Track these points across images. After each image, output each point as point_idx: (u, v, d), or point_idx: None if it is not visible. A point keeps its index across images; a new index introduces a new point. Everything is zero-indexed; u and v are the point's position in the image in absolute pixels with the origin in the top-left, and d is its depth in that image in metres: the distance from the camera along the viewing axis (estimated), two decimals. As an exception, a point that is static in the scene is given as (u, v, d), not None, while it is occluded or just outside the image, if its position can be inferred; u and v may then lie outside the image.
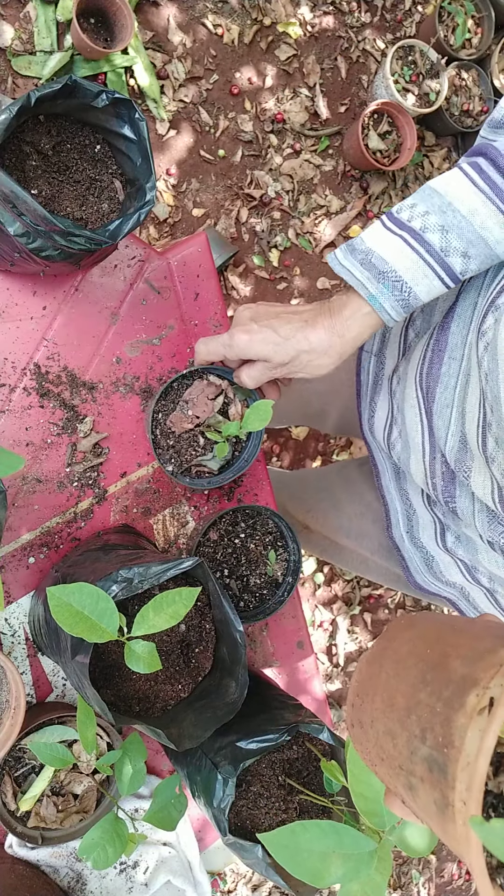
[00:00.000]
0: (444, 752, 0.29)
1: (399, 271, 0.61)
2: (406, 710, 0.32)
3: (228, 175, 1.82)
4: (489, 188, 0.59)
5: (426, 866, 2.16)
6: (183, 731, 0.62)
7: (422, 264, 0.61)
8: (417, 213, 0.61)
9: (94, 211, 0.65)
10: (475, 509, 0.68)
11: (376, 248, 0.62)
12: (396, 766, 0.33)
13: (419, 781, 0.31)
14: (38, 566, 0.73)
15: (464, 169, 0.60)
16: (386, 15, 1.98)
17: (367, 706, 0.36)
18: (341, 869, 0.43)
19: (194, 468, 0.73)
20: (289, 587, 0.76)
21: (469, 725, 0.28)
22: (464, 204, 0.59)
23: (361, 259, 0.63)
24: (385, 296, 0.62)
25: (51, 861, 0.75)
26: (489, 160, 0.60)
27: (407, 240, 0.61)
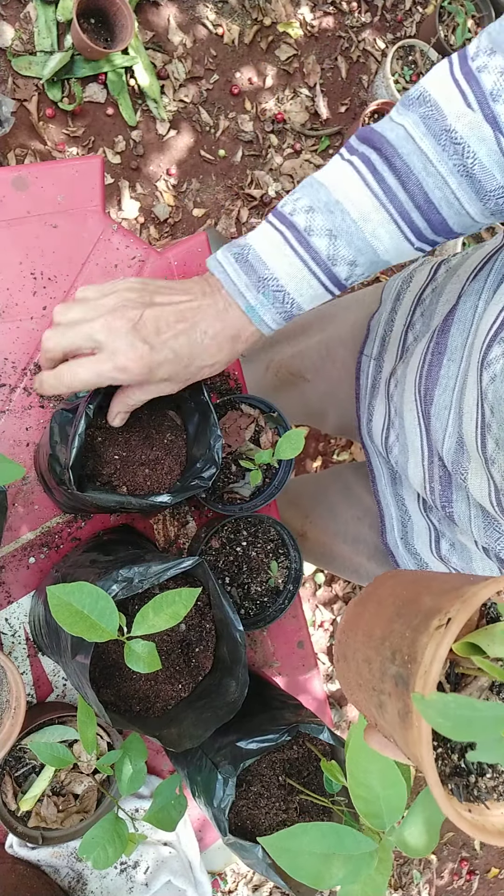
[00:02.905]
0: (408, 667, 0.33)
1: (281, 279, 0.55)
2: (381, 638, 0.36)
3: (229, 175, 1.83)
4: (383, 193, 0.52)
5: (427, 866, 2.16)
6: (183, 730, 0.62)
7: (307, 273, 0.54)
8: (300, 206, 0.54)
9: (162, 444, 0.68)
10: (472, 514, 0.67)
11: (253, 242, 0.55)
12: (370, 689, 0.37)
13: (387, 697, 0.35)
14: (38, 566, 0.73)
15: (355, 165, 0.53)
16: (386, 15, 1.99)
17: (351, 641, 0.40)
18: (342, 870, 0.43)
19: (226, 495, 0.74)
20: (289, 595, 0.76)
21: (429, 642, 0.31)
22: (354, 206, 0.53)
23: (237, 253, 0.55)
24: (265, 308, 0.56)
25: (51, 861, 0.75)
26: (384, 158, 0.52)
27: (289, 240, 0.54)
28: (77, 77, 1.62)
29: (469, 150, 0.50)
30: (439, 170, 0.51)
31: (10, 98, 1.58)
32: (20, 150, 1.61)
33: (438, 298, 0.75)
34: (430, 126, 0.50)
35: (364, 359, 0.87)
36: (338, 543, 1.03)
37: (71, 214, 0.73)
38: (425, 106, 0.51)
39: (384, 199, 0.52)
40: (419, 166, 0.51)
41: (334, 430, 1.10)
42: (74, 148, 1.66)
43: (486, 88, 0.49)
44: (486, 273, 0.66)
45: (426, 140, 0.51)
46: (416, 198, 0.52)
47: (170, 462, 0.67)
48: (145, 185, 1.74)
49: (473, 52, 0.50)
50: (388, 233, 0.54)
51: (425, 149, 0.51)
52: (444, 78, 0.51)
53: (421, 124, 0.51)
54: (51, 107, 1.62)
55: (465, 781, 0.36)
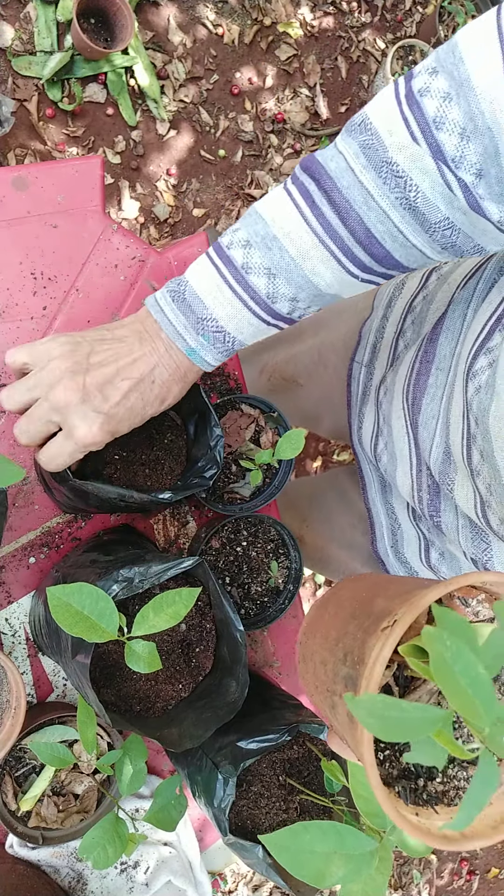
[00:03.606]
0: (356, 668, 0.33)
1: (220, 320, 0.54)
2: (336, 640, 0.37)
3: (229, 175, 1.83)
4: (322, 228, 0.50)
5: (427, 866, 2.16)
6: (183, 730, 0.62)
7: (246, 312, 0.53)
8: (238, 239, 0.53)
9: (163, 445, 0.68)
10: (459, 524, 0.66)
11: (192, 279, 0.54)
12: (325, 690, 0.37)
13: (339, 699, 0.35)
14: (38, 566, 0.73)
15: (293, 197, 0.51)
16: (386, 15, 1.99)
17: (310, 642, 0.41)
18: (342, 869, 0.43)
19: (226, 495, 0.74)
20: (290, 595, 0.76)
21: (375, 644, 0.32)
22: (293, 243, 0.51)
23: (174, 290, 0.55)
24: (206, 349, 0.55)
25: (51, 861, 0.75)
26: (322, 191, 0.50)
27: (226, 278, 0.52)
28: (77, 77, 1.62)
29: (411, 183, 0.47)
30: (380, 204, 0.48)
31: (10, 98, 1.58)
32: (20, 150, 1.61)
33: (429, 306, 0.75)
34: (370, 157, 0.48)
35: (355, 366, 0.86)
36: (333, 548, 1.02)
37: (71, 214, 0.73)
38: (366, 134, 0.48)
39: (324, 235, 0.50)
40: (359, 200, 0.49)
41: (329, 434, 1.10)
42: (74, 148, 1.66)
43: (428, 115, 0.45)
44: (475, 281, 0.64)
45: (366, 173, 0.48)
46: (357, 233, 0.50)
47: (170, 462, 0.67)
48: (145, 185, 1.74)
49: (417, 70, 0.47)
50: (329, 269, 0.52)
51: (366, 182, 0.48)
52: (389, 102, 0.47)
53: (361, 155, 0.48)
54: (51, 107, 1.62)
55: (412, 784, 0.36)
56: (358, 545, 0.97)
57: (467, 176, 0.45)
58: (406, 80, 0.47)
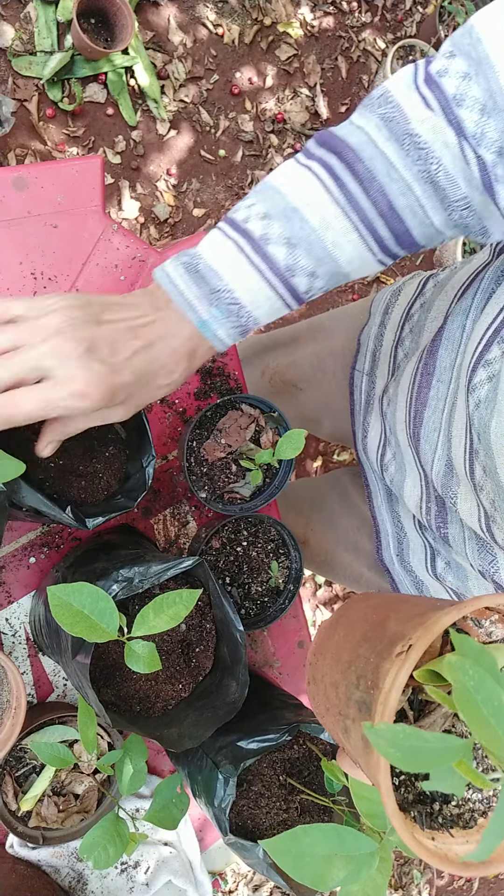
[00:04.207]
0: (370, 693, 0.33)
1: (236, 291, 0.50)
2: (348, 663, 0.36)
3: (229, 175, 1.83)
4: (345, 199, 0.49)
5: (427, 867, 2.16)
6: (183, 730, 0.62)
7: (264, 284, 0.50)
8: (255, 213, 0.50)
9: (103, 458, 0.64)
10: (465, 537, 0.66)
11: (206, 251, 0.51)
12: (336, 713, 0.37)
13: (351, 723, 0.35)
14: (38, 566, 0.73)
15: (314, 170, 0.49)
16: (386, 15, 1.98)
17: (320, 663, 0.40)
18: (343, 871, 0.43)
19: (227, 495, 0.74)
20: (290, 595, 0.76)
21: (391, 668, 0.31)
22: (314, 213, 0.49)
23: (186, 262, 0.51)
24: (219, 322, 0.51)
25: (52, 861, 0.75)
26: (345, 163, 0.48)
27: (244, 249, 0.50)
28: (77, 77, 1.62)
29: (433, 155, 0.47)
30: (403, 175, 0.48)
31: (11, 98, 1.58)
32: (20, 150, 1.61)
33: (427, 314, 0.74)
34: (392, 129, 0.47)
35: (356, 374, 0.86)
36: (339, 552, 1.01)
37: (71, 214, 0.73)
38: (387, 106, 0.48)
39: (346, 206, 0.49)
40: (382, 171, 0.48)
41: (329, 438, 1.09)
42: (74, 148, 1.66)
43: (448, 93, 0.46)
44: (473, 291, 0.64)
45: (389, 144, 0.47)
46: (380, 205, 0.49)
47: (108, 477, 0.63)
48: (145, 185, 1.74)
49: (435, 55, 0.48)
50: (350, 242, 0.50)
51: (389, 153, 0.47)
52: (407, 83, 0.48)
53: (384, 127, 0.47)
54: (51, 107, 1.62)
55: (428, 809, 0.35)
56: (363, 549, 0.96)
57: (487, 154, 0.46)
58: (424, 64, 0.48)
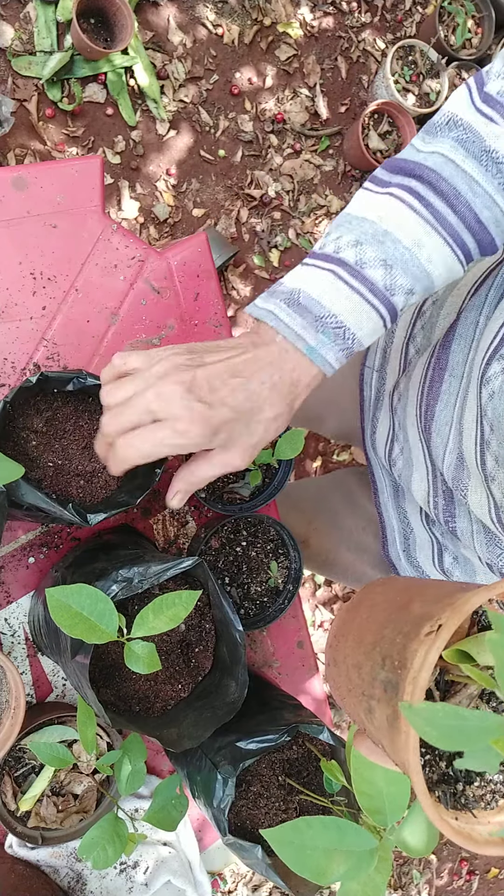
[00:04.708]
0: (397, 672, 0.33)
1: (340, 315, 0.51)
2: (372, 644, 0.36)
3: (229, 175, 1.83)
4: (433, 217, 0.51)
5: (427, 866, 2.16)
6: (183, 731, 0.62)
7: (366, 306, 0.51)
8: (346, 242, 0.52)
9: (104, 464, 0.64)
10: (474, 530, 0.66)
11: (302, 285, 0.52)
12: (359, 694, 0.37)
13: (376, 703, 0.35)
14: (38, 566, 0.73)
15: (396, 195, 0.51)
16: (386, 15, 1.99)
17: (342, 645, 0.40)
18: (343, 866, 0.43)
19: (226, 495, 0.74)
20: (289, 595, 0.76)
21: (419, 648, 0.32)
22: (406, 234, 0.51)
23: (287, 299, 0.52)
24: (327, 347, 0.51)
25: (51, 861, 0.75)
26: (427, 184, 0.51)
27: (341, 276, 0.51)
28: (77, 77, 1.62)
29: None
30: (487, 189, 0.50)
31: (10, 98, 1.58)
32: (20, 150, 1.61)
33: (439, 311, 0.75)
34: (468, 148, 0.50)
35: (367, 370, 0.86)
36: (341, 551, 1.01)
37: (71, 214, 0.73)
38: (458, 129, 0.50)
39: (435, 223, 0.51)
40: (465, 188, 0.50)
41: (333, 435, 1.09)
42: (74, 148, 1.66)
43: None
44: (486, 288, 0.65)
45: (468, 162, 0.50)
46: (468, 219, 0.51)
47: (107, 476, 0.64)
48: (145, 185, 1.74)
49: (486, 73, 0.50)
50: (441, 257, 0.52)
51: (469, 170, 0.50)
52: (466, 105, 0.50)
53: (459, 148, 0.50)
54: (50, 107, 1.62)
55: (452, 789, 0.36)
56: (368, 548, 0.96)
57: None
58: (478, 85, 0.50)
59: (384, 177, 0.53)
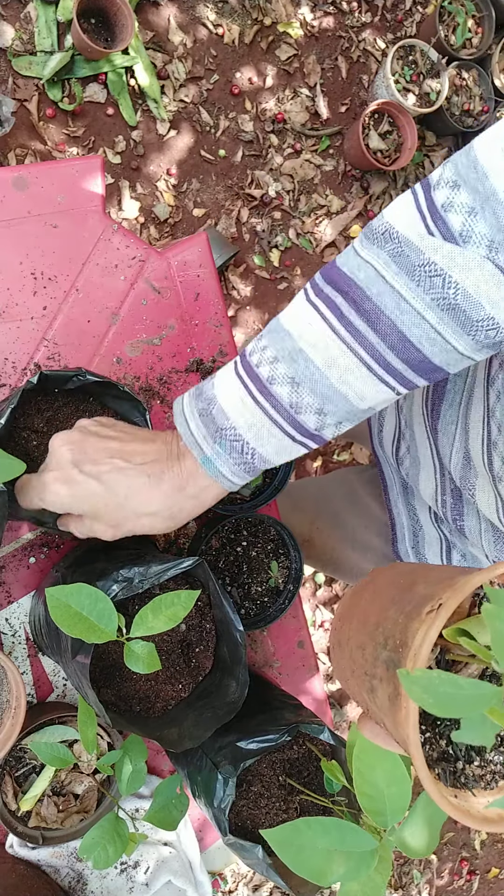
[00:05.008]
0: (399, 651, 0.33)
1: (239, 429, 0.51)
2: (375, 624, 0.37)
3: (229, 175, 1.83)
4: (351, 336, 0.48)
5: (427, 866, 2.16)
6: (183, 731, 0.62)
7: (267, 422, 0.51)
8: (266, 357, 0.51)
9: None
10: (482, 528, 0.67)
11: (220, 397, 0.52)
12: (362, 674, 0.37)
13: (378, 682, 0.35)
14: (38, 566, 0.73)
15: (320, 310, 0.50)
16: (386, 15, 1.98)
17: (346, 627, 0.41)
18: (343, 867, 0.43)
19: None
20: (290, 595, 0.76)
21: (420, 626, 0.32)
22: (318, 353, 0.49)
23: (203, 409, 0.53)
24: (222, 458, 0.52)
25: (51, 861, 0.75)
26: (350, 301, 0.48)
27: (251, 390, 0.51)
28: (77, 77, 1.62)
29: (450, 280, 0.46)
30: (415, 306, 0.47)
31: (11, 98, 1.58)
32: (20, 150, 1.61)
33: None
34: (401, 263, 0.47)
35: None
36: (345, 550, 1.01)
37: (71, 214, 0.73)
38: (393, 242, 0.47)
39: (352, 342, 0.48)
40: (391, 305, 0.47)
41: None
42: (74, 148, 1.66)
43: (454, 230, 0.46)
44: None
45: (398, 278, 0.47)
46: (389, 338, 0.48)
47: None
48: (145, 185, 1.74)
49: (436, 182, 0.47)
50: (358, 378, 0.49)
51: (397, 286, 0.47)
52: (410, 213, 0.47)
53: (392, 263, 0.47)
54: (51, 107, 1.62)
55: (451, 767, 0.36)
56: (372, 546, 0.96)
57: None
58: (425, 190, 0.47)
59: (320, 283, 0.51)
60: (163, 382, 0.77)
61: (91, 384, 0.61)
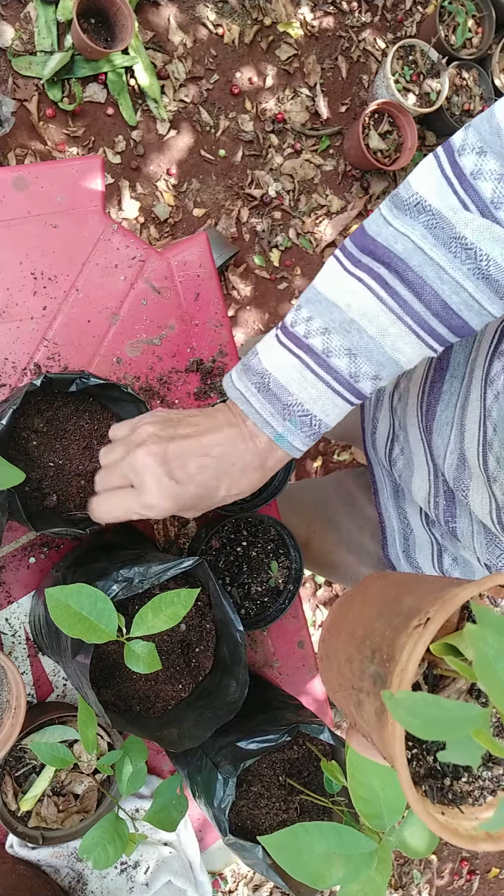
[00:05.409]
0: (386, 665, 0.33)
1: (306, 404, 0.54)
2: (363, 637, 0.37)
3: (229, 175, 1.82)
4: (399, 307, 0.51)
5: (427, 866, 2.16)
6: (183, 731, 0.62)
7: (331, 394, 0.54)
8: (315, 328, 0.53)
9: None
10: (474, 531, 0.67)
11: (273, 370, 0.54)
12: (350, 687, 0.37)
13: (366, 696, 0.35)
14: (38, 566, 0.73)
15: (365, 282, 0.52)
16: (386, 15, 1.98)
17: (334, 640, 0.41)
18: (342, 870, 0.43)
19: None
20: (290, 595, 0.76)
21: (407, 641, 0.32)
22: (371, 323, 0.52)
23: (258, 383, 0.55)
24: (294, 434, 0.55)
25: (51, 861, 0.75)
26: (394, 272, 0.51)
27: (308, 364, 0.53)
28: (77, 77, 1.62)
29: (482, 253, 0.49)
30: (454, 276, 0.50)
31: (11, 98, 1.58)
32: (20, 150, 1.61)
33: None
34: (437, 235, 0.49)
35: None
36: (341, 553, 1.01)
37: (71, 214, 0.73)
38: (426, 214, 0.50)
39: (400, 312, 0.51)
40: (432, 276, 0.50)
41: (334, 436, 1.09)
42: (74, 148, 1.66)
43: (485, 197, 0.47)
44: None
45: (436, 250, 0.50)
46: (434, 306, 0.51)
47: None
48: (145, 185, 1.74)
49: (460, 147, 0.48)
50: (408, 344, 0.53)
51: (437, 258, 0.50)
52: (436, 180, 0.49)
53: (429, 235, 0.50)
54: (51, 107, 1.62)
55: (439, 784, 0.36)
56: (367, 549, 0.96)
57: None
58: (448, 155, 0.49)
59: (355, 252, 0.53)
60: (163, 382, 0.77)
61: (93, 386, 0.61)
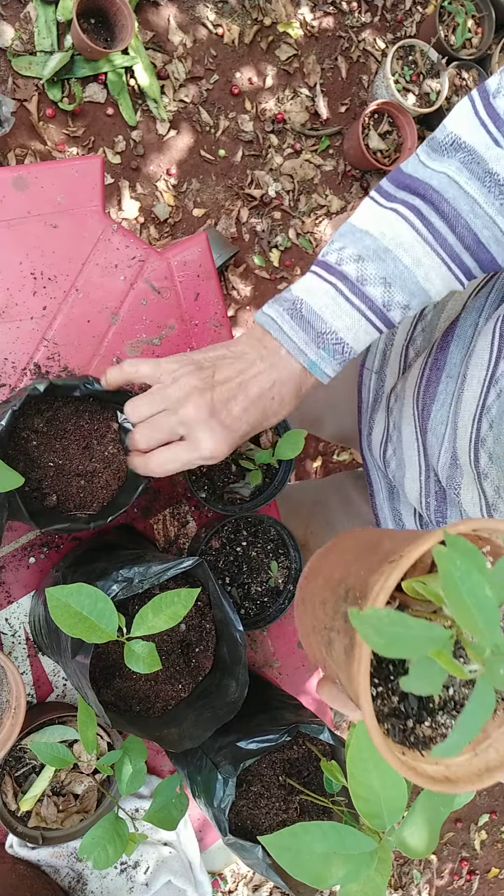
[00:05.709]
0: (358, 603, 0.33)
1: (340, 332, 0.54)
2: (339, 580, 0.37)
3: (229, 175, 1.83)
4: (433, 238, 0.53)
5: (427, 866, 2.16)
6: (183, 731, 0.62)
7: (364, 322, 0.55)
8: (347, 256, 0.54)
9: (102, 457, 0.66)
10: None
11: (305, 295, 0.55)
12: (322, 628, 0.37)
13: (336, 634, 0.35)
14: (38, 566, 0.73)
15: (401, 212, 0.53)
16: (386, 15, 1.98)
17: (311, 585, 0.41)
18: (342, 870, 0.43)
19: (226, 495, 0.74)
20: (290, 595, 0.76)
21: (379, 577, 0.32)
22: (407, 253, 0.53)
23: (290, 309, 0.55)
24: (326, 361, 0.56)
25: (51, 861, 0.75)
26: (430, 204, 0.53)
27: (342, 291, 0.54)
28: (77, 77, 1.62)
29: None
30: (487, 211, 0.52)
31: (11, 98, 1.58)
32: (20, 150, 1.61)
33: (440, 315, 0.75)
34: (473, 171, 0.51)
35: (366, 372, 0.86)
36: None
37: (71, 214, 0.73)
38: (462, 152, 0.52)
39: (434, 244, 0.53)
40: (466, 209, 0.52)
41: (331, 438, 1.09)
42: (74, 148, 1.66)
43: None
44: (487, 291, 0.66)
45: (471, 184, 0.52)
46: (466, 239, 0.53)
47: (108, 476, 0.65)
48: (145, 185, 1.74)
49: (495, 89, 0.51)
50: (439, 276, 0.54)
51: (472, 192, 0.52)
52: (470, 121, 0.51)
53: (464, 170, 0.52)
54: (51, 107, 1.62)
55: (402, 724, 0.36)
56: None
57: None
58: (483, 99, 0.51)
59: (390, 189, 0.55)
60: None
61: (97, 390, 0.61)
